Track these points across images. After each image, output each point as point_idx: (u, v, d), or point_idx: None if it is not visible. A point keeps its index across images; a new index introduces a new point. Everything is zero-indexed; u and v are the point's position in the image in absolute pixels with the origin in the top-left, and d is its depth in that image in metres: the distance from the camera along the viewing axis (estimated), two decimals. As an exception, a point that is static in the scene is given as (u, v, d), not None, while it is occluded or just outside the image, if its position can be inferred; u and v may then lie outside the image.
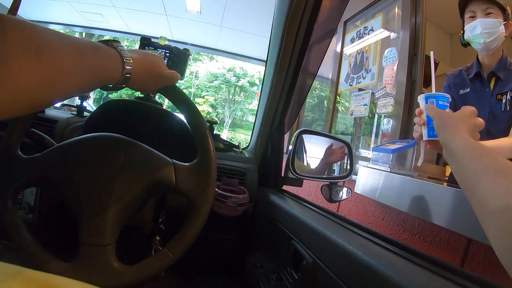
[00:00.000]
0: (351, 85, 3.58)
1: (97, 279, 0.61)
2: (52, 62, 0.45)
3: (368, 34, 3.37)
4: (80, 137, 0.70)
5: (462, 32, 1.71)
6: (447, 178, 2.66)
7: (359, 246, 0.53)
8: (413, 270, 0.44)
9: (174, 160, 0.70)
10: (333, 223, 0.73)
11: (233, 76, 17.67)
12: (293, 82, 1.10)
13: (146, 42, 1.08)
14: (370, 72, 3.26)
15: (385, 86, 2.96)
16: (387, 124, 3.31)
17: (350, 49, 3.76)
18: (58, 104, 1.61)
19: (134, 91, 0.69)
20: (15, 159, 0.68)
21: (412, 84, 2.75)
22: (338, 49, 4.00)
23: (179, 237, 0.66)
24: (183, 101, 0.74)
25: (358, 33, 3.58)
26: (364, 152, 3.54)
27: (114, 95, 16.05)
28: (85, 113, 1.20)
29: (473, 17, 1.59)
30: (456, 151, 0.58)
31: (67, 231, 0.97)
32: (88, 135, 0.70)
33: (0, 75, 0.38)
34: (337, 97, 3.98)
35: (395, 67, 2.89)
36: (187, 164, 0.70)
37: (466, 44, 1.71)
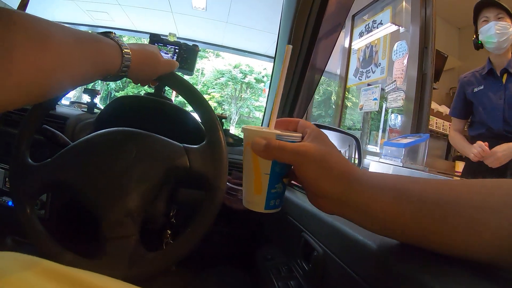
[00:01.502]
0: (360, 80, 3.55)
1: (129, 271, 0.63)
2: (56, 50, 0.46)
3: (377, 28, 3.34)
4: (89, 135, 0.72)
5: (475, 36, 2.03)
6: (456, 173, 2.67)
7: (370, 235, 0.55)
8: (421, 257, 0.46)
9: (185, 144, 0.72)
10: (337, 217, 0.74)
11: (240, 73, 17.64)
12: (301, 77, 1.12)
13: (155, 38, 1.11)
14: (379, 66, 3.24)
15: (395, 80, 2.94)
16: (394, 119, 3.28)
17: (359, 43, 3.73)
18: (68, 102, 1.65)
19: (138, 86, 0.72)
20: (26, 167, 0.70)
21: (423, 78, 2.73)
22: (347, 43, 3.96)
23: (200, 217, 0.68)
24: (184, 86, 0.76)
25: (367, 27, 3.54)
26: (371, 148, 3.53)
27: (121, 93, 16.13)
28: (95, 110, 1.23)
29: (486, 21, 1.91)
30: None
31: (80, 227, 0.99)
32: (97, 132, 0.72)
33: (7, 63, 0.39)
34: (346, 92, 3.94)
35: (405, 61, 2.87)
36: (196, 146, 0.72)
37: (480, 46, 1.99)
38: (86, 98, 1.23)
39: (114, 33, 0.64)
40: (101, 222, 0.65)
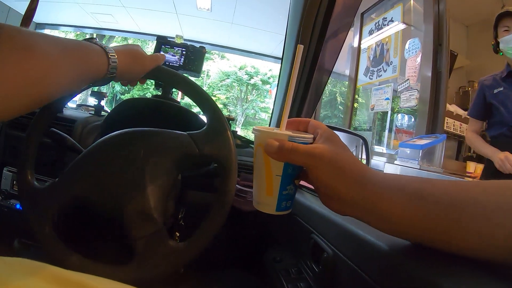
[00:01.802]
0: (371, 79, 3.51)
1: (165, 267, 0.65)
2: (41, 58, 0.47)
3: (388, 25, 3.30)
4: (94, 144, 0.72)
5: (494, 42, 2.11)
6: (467, 174, 2.65)
7: (381, 236, 0.55)
8: (434, 258, 0.46)
9: (188, 131, 0.73)
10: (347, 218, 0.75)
11: (245, 74, 17.71)
12: (309, 78, 1.12)
13: (162, 41, 1.12)
14: (391, 64, 3.19)
15: (408, 79, 2.90)
16: (401, 120, 3.24)
17: (369, 42, 3.68)
18: (74, 105, 1.66)
19: (144, 88, 0.72)
20: (34, 191, 0.70)
21: (438, 76, 2.67)
22: (355, 42, 3.92)
23: (219, 196, 0.70)
24: (174, 77, 0.78)
25: (377, 24, 3.50)
26: (382, 149, 3.49)
27: (126, 96, 16.24)
28: (102, 113, 1.24)
29: (507, 31, 2.00)
30: None
31: (88, 229, 1.00)
32: (101, 139, 0.73)
33: None
34: (356, 92, 3.90)
35: (419, 59, 2.82)
36: (200, 130, 0.74)
37: (499, 50, 2.10)
38: (92, 101, 1.25)
39: (96, 38, 0.65)
40: (126, 226, 0.66)
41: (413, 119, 3.20)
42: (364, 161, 1.17)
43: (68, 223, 0.94)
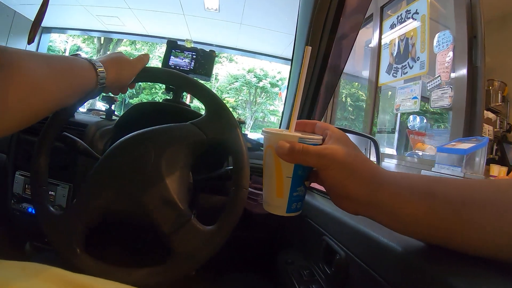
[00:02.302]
0: (395, 76, 3.28)
1: (204, 253, 0.68)
2: (27, 77, 0.48)
3: (412, 18, 3.13)
4: (103, 157, 0.74)
5: None
6: (491, 177, 2.56)
7: (394, 237, 0.55)
8: (448, 259, 0.46)
9: (190, 121, 0.76)
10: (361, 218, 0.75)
11: (254, 77, 17.76)
12: (320, 78, 1.13)
13: (172, 45, 1.14)
14: (418, 60, 2.99)
15: (439, 75, 2.71)
16: (413, 121, 3.13)
17: (390, 36, 3.50)
18: (84, 109, 1.69)
19: (152, 92, 0.74)
20: (54, 218, 0.71)
21: (474, 72, 2.50)
22: (375, 38, 3.76)
23: (235, 177, 0.73)
24: (162, 73, 0.82)
25: (399, 18, 3.27)
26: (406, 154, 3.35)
27: (135, 100, 16.38)
28: (113, 117, 1.26)
29: None
30: None
31: (101, 231, 1.02)
32: (111, 148, 0.75)
33: None
34: (378, 91, 3.72)
35: (451, 53, 2.63)
36: (202, 116, 0.77)
37: None
38: (100, 105, 1.27)
39: (80, 54, 0.68)
40: (156, 225, 0.68)
41: (425, 120, 3.11)
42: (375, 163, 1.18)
43: (96, 238, 0.96)
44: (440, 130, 3.10)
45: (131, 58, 0.79)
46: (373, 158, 1.17)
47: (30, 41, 0.73)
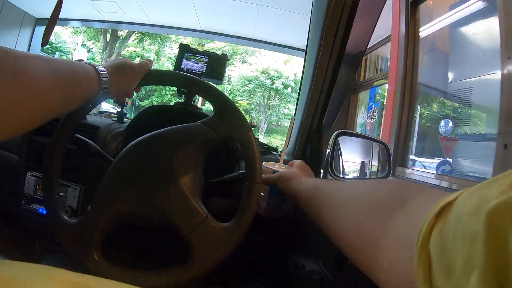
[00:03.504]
0: None
1: (223, 250, 0.71)
2: (30, 82, 0.49)
3: None
4: (114, 163, 0.76)
5: None
6: None
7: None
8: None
9: (199, 121, 0.78)
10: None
11: (268, 78, 17.83)
12: (333, 80, 1.14)
13: (184, 48, 1.18)
14: None
15: None
16: (445, 126, 3.00)
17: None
18: (96, 111, 1.73)
19: (162, 95, 0.76)
20: (69, 227, 0.73)
21: None
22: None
23: (249, 166, 0.76)
24: (167, 76, 0.85)
25: None
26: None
27: (145, 102, 16.54)
28: (125, 119, 1.29)
29: None
30: None
31: (113, 233, 1.04)
32: (121, 154, 0.76)
33: None
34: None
35: None
36: (210, 116, 0.79)
37: None
38: (107, 107, 1.29)
39: (83, 60, 0.70)
40: (175, 226, 0.70)
41: (450, 124, 3.01)
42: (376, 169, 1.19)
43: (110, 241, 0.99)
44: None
45: (135, 63, 0.81)
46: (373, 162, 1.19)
47: (44, 43, 0.76)
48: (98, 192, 0.73)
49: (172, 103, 1.16)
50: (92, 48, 15.91)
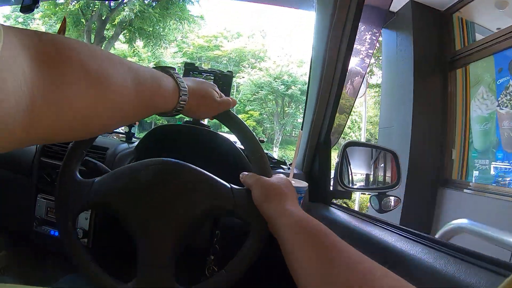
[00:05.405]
0: None
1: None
2: (113, 93, 0.47)
3: None
4: (134, 163, 0.78)
5: None
6: None
7: (419, 252, 0.62)
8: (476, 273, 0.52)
9: (232, 185, 0.77)
10: (389, 232, 0.83)
11: (281, 84, 17.46)
12: (338, 92, 1.20)
13: (190, 67, 1.23)
14: None
15: None
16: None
17: None
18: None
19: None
20: (75, 183, 0.76)
21: None
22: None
23: (237, 259, 0.73)
24: (238, 126, 0.83)
25: None
26: None
27: (149, 117, 16.36)
28: (133, 139, 1.35)
29: None
30: None
31: (123, 253, 1.11)
32: (141, 161, 0.78)
33: (56, 100, 0.39)
34: None
35: None
36: (244, 188, 0.78)
37: None
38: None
39: (175, 68, 0.67)
40: (139, 250, 0.71)
41: None
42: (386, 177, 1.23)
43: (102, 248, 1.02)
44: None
45: (219, 96, 0.79)
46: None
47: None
48: (102, 177, 0.77)
49: (179, 122, 1.21)
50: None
